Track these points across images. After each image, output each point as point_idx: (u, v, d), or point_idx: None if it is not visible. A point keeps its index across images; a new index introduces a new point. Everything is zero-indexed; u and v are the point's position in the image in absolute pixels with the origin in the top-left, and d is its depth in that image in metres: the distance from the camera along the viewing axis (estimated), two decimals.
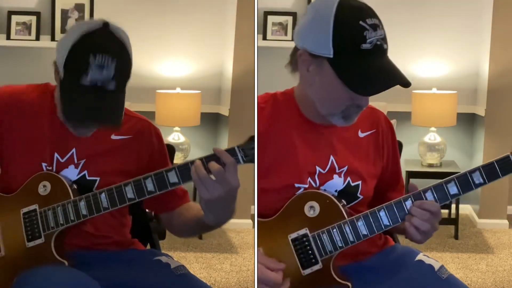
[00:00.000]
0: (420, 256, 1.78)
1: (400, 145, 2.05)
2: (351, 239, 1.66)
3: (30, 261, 1.72)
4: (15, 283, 1.68)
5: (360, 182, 1.78)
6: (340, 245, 1.66)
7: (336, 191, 1.76)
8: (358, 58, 1.59)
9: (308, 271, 1.68)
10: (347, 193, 1.76)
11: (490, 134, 4.59)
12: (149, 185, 1.70)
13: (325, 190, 1.74)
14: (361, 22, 1.58)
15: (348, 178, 1.76)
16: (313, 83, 1.68)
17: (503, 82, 4.52)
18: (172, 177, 1.69)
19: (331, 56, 1.61)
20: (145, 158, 1.88)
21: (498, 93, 4.54)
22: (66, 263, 1.72)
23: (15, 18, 4.51)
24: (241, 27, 4.45)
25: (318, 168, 1.74)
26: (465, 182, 1.66)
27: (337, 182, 1.76)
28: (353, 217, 1.67)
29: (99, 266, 1.79)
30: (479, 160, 4.67)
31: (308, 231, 1.68)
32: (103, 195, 1.72)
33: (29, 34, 4.50)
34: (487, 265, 3.89)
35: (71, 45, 1.70)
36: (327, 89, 1.65)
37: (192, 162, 1.66)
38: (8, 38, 4.50)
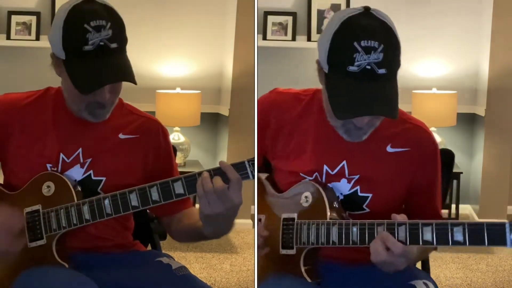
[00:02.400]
0: (416, 282, 1.69)
1: (450, 155, 1.96)
2: (322, 240, 1.66)
3: (31, 261, 1.72)
4: (15, 282, 1.68)
5: (370, 195, 1.74)
6: (312, 241, 1.68)
7: (342, 194, 1.75)
8: (343, 79, 1.56)
9: (284, 251, 1.73)
10: (352, 201, 1.74)
11: (490, 134, 4.58)
12: (154, 194, 1.67)
13: (332, 188, 1.74)
14: (354, 43, 1.53)
15: (357, 187, 1.74)
16: (323, 91, 1.71)
17: (503, 82, 4.51)
18: (178, 188, 1.66)
19: (327, 72, 1.62)
20: (151, 157, 1.87)
21: (498, 93, 4.53)
22: (66, 265, 1.72)
23: (15, 18, 4.50)
24: (241, 27, 4.45)
25: (325, 167, 1.75)
26: (443, 234, 1.48)
27: (343, 186, 1.74)
28: (331, 220, 1.66)
29: (100, 268, 1.79)
30: (479, 160, 4.67)
31: (296, 217, 1.73)
32: (107, 201, 1.70)
33: (29, 34, 4.50)
34: (487, 265, 3.89)
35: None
36: (326, 100, 1.65)
37: (200, 173, 1.63)
38: (8, 38, 4.49)
